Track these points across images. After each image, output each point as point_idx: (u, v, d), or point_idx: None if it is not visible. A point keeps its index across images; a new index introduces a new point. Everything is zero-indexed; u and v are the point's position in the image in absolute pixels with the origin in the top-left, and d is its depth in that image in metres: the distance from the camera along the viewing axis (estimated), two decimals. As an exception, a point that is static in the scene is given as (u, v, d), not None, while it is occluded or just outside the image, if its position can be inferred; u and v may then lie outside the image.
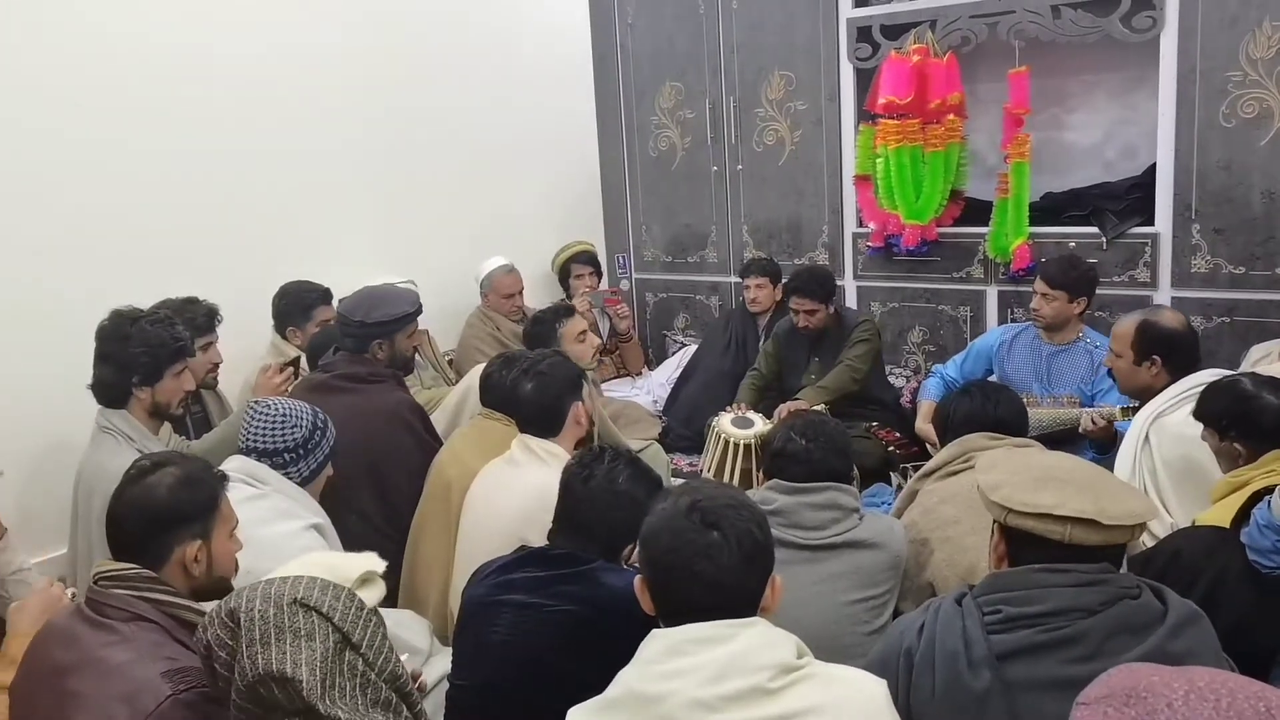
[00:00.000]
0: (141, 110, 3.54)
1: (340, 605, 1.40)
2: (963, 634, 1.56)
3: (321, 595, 1.39)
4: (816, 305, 3.82)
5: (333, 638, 1.36)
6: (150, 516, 1.67)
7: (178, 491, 1.70)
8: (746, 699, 1.35)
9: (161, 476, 1.70)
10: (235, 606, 1.37)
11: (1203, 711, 0.93)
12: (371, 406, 2.89)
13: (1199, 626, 1.54)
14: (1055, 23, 3.76)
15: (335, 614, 1.38)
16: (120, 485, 1.72)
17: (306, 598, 1.38)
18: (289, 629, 1.34)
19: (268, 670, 1.31)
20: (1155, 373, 2.75)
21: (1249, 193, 3.52)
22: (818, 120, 4.41)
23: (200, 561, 1.72)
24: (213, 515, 1.75)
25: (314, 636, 1.35)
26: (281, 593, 1.38)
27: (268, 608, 1.36)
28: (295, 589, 1.39)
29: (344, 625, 1.38)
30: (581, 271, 4.83)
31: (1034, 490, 1.57)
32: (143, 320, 2.65)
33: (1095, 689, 1.02)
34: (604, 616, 1.83)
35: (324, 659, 1.34)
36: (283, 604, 1.36)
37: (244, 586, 1.46)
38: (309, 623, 1.36)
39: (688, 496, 1.50)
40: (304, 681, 1.31)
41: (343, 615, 1.39)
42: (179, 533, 1.69)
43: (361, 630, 1.40)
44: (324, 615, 1.37)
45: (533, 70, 5.01)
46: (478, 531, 2.42)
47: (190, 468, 1.75)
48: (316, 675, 1.32)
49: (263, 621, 1.34)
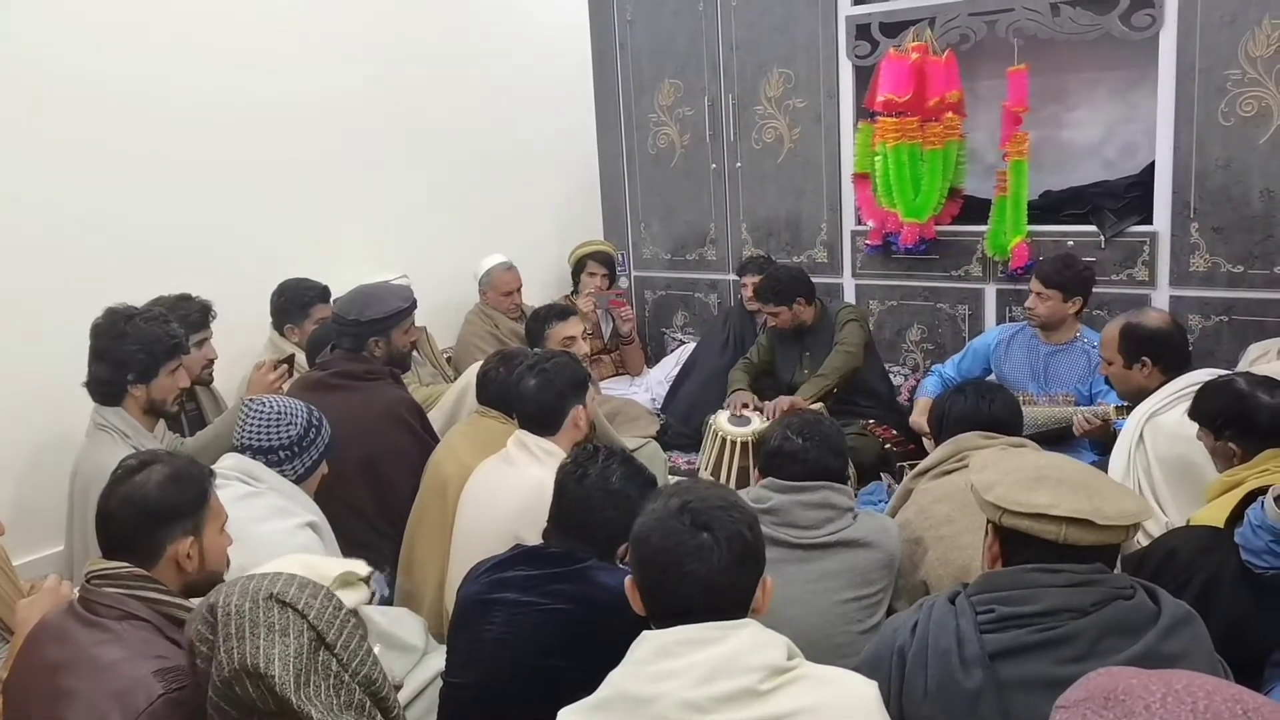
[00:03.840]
0: (139, 108, 3.53)
1: (317, 604, 1.39)
2: (956, 633, 1.56)
3: (299, 592, 1.39)
4: (777, 308, 3.82)
5: (307, 634, 1.36)
6: (142, 514, 1.67)
7: (168, 488, 1.69)
8: (737, 700, 1.35)
9: (150, 474, 1.70)
10: (214, 602, 1.37)
11: (1180, 713, 0.94)
12: (368, 404, 2.90)
13: (1192, 628, 1.54)
14: (1054, 20, 3.75)
15: (311, 611, 1.37)
16: (109, 485, 1.72)
17: (283, 594, 1.38)
18: (264, 624, 1.34)
19: (242, 664, 1.30)
20: (1147, 374, 2.74)
21: (1248, 191, 3.52)
22: (816, 118, 4.40)
23: (193, 557, 1.72)
24: (203, 510, 1.75)
25: (288, 632, 1.34)
26: (259, 588, 1.38)
27: (244, 602, 1.35)
28: (273, 585, 1.39)
29: (319, 623, 1.37)
30: (595, 270, 4.82)
31: (1029, 490, 1.57)
32: (137, 318, 2.66)
33: (1074, 692, 1.03)
34: (598, 615, 1.83)
35: (297, 655, 1.33)
36: (259, 599, 1.36)
37: (225, 582, 1.46)
38: (284, 618, 1.35)
39: (679, 497, 1.49)
40: (276, 677, 1.30)
41: (318, 614, 1.38)
42: (171, 530, 1.69)
43: (337, 631, 1.39)
44: (299, 612, 1.37)
45: (532, 67, 5.01)
46: (473, 529, 2.42)
47: (178, 464, 1.75)
48: (289, 671, 1.31)
49: (238, 616, 1.34)
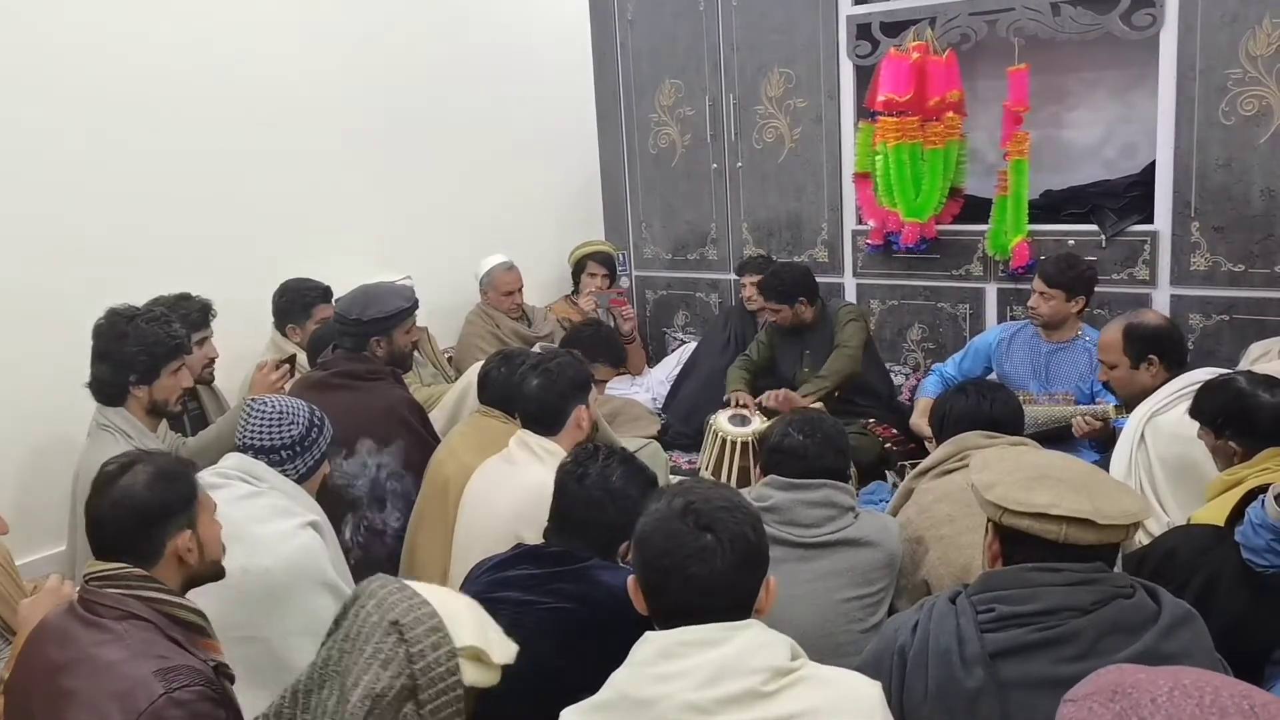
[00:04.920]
0: (140, 107, 3.54)
1: (431, 657, 1.31)
2: (956, 632, 1.56)
3: (423, 634, 1.32)
4: (779, 306, 3.82)
5: (403, 680, 1.29)
6: (138, 517, 1.66)
7: (158, 487, 1.69)
8: (740, 702, 1.35)
9: (136, 476, 1.69)
10: (361, 590, 1.31)
11: (1186, 707, 0.94)
12: (369, 404, 2.90)
13: (1192, 627, 1.54)
14: (1055, 20, 3.75)
15: (420, 660, 1.30)
16: (95, 490, 1.71)
17: (406, 626, 1.30)
18: (373, 643, 1.27)
19: (340, 668, 1.25)
20: (1154, 372, 2.75)
21: (1248, 190, 3.52)
22: (817, 118, 4.40)
23: (194, 550, 1.72)
24: (195, 502, 1.75)
25: (387, 666, 1.28)
26: (395, 604, 1.31)
27: (375, 610, 1.29)
28: (406, 612, 1.31)
29: (420, 676, 1.30)
30: (596, 271, 4.84)
31: (1028, 490, 1.57)
32: (139, 319, 2.66)
33: (1082, 687, 1.04)
34: (599, 615, 1.83)
35: (381, 693, 1.25)
36: (385, 617, 1.29)
37: (384, 578, 1.37)
38: (392, 651, 1.29)
39: (682, 498, 1.49)
40: (352, 701, 1.25)
41: (426, 667, 1.30)
42: (169, 527, 1.69)
43: (434, 693, 1.31)
44: (409, 655, 1.29)
45: (533, 67, 5.01)
46: (474, 529, 2.42)
47: (160, 462, 1.74)
48: (365, 703, 1.24)
49: (363, 621, 1.27)
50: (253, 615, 2.03)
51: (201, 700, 1.51)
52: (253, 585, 2.03)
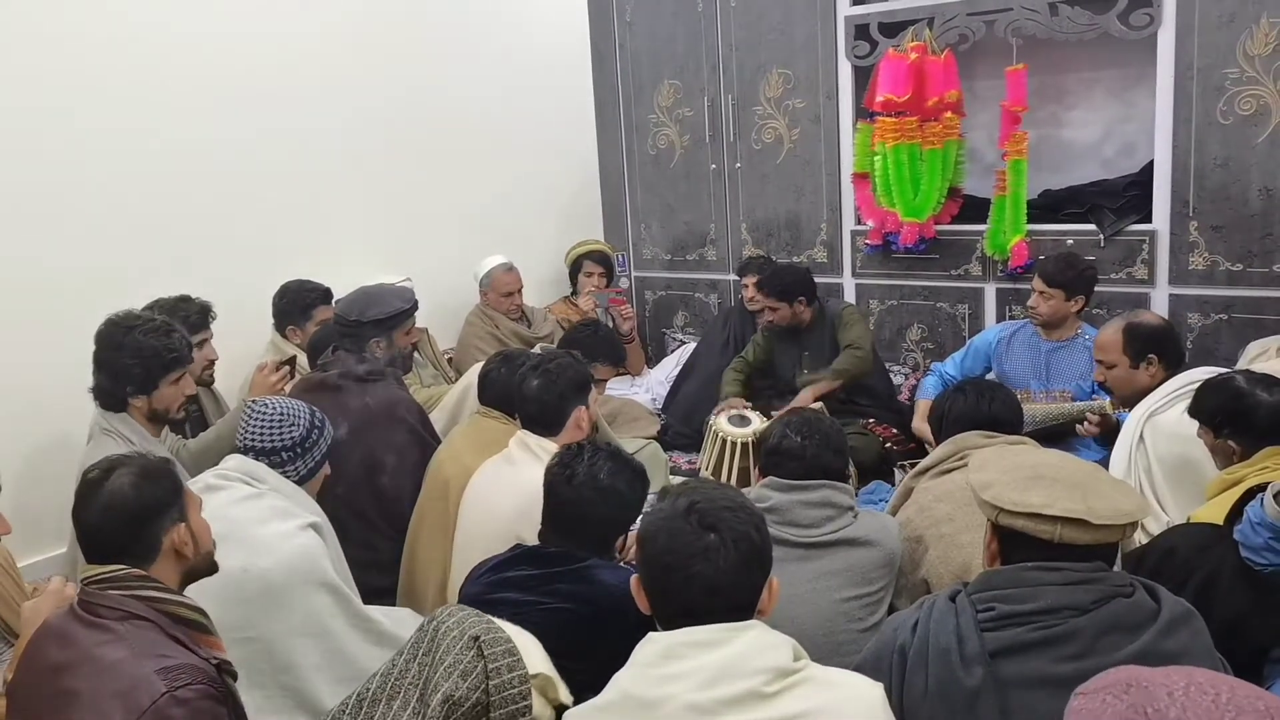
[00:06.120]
0: (139, 107, 3.54)
1: (506, 677, 1.35)
2: (956, 631, 1.56)
3: (501, 655, 1.35)
4: (777, 304, 3.82)
5: (478, 694, 1.32)
6: (130, 517, 1.67)
7: (144, 485, 1.69)
8: (743, 703, 1.35)
9: (120, 479, 1.69)
10: (438, 612, 1.36)
11: (1202, 703, 0.95)
12: (369, 405, 2.90)
13: (1191, 626, 1.54)
14: (1053, 20, 3.76)
15: (497, 677, 1.34)
16: (82, 498, 1.70)
17: (487, 644, 1.34)
18: (453, 654, 1.31)
19: (420, 675, 1.28)
20: (1154, 372, 2.76)
21: (1246, 190, 3.53)
22: (816, 118, 4.41)
23: (189, 542, 1.73)
24: (183, 495, 1.76)
25: (466, 678, 1.32)
26: (475, 624, 1.35)
27: (454, 626, 1.33)
28: (487, 630, 1.35)
29: (495, 693, 1.34)
30: (593, 270, 4.85)
31: (1024, 489, 1.58)
32: (137, 330, 2.62)
33: (1094, 682, 1.05)
34: (599, 614, 1.84)
35: (458, 704, 1.29)
36: (466, 630, 1.33)
37: (462, 605, 1.42)
38: (471, 665, 1.32)
39: (686, 497, 1.49)
40: (431, 706, 1.28)
41: (501, 685, 1.34)
42: (163, 521, 1.70)
43: (507, 713, 1.34)
44: (486, 670, 1.33)
45: (531, 68, 5.02)
46: (474, 529, 2.43)
47: (141, 462, 1.74)
48: (443, 709, 1.27)
49: (442, 634, 1.31)
50: (252, 615, 2.03)
51: (204, 698, 1.51)
52: (252, 585, 2.03)
